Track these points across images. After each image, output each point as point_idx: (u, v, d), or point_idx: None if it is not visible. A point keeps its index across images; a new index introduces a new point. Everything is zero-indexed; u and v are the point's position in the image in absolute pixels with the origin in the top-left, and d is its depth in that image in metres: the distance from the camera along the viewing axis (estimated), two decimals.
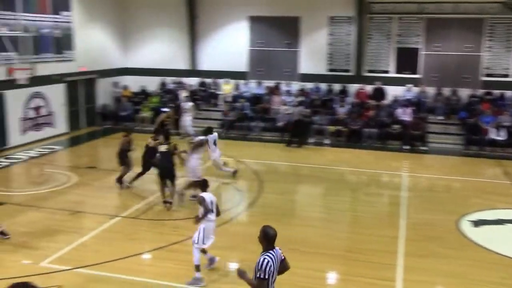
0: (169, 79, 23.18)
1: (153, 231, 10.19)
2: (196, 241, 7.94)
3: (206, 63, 22.96)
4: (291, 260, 5.61)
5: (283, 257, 5.48)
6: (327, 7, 21.32)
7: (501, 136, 17.97)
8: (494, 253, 9.28)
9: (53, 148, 17.51)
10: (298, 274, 8.16)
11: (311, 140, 19.06)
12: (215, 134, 13.55)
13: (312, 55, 21.78)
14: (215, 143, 13.36)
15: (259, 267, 5.22)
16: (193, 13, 22.46)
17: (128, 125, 16.64)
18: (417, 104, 19.91)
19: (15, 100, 17.17)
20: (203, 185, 8.52)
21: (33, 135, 18.07)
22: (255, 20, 22.21)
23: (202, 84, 22.69)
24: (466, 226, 10.62)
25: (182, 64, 23.12)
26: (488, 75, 20.17)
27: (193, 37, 22.71)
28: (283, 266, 5.51)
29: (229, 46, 22.37)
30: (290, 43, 21.98)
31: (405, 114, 19.10)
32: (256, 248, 9.03)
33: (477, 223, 10.79)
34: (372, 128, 19.03)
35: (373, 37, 21.19)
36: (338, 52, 21.62)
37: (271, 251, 5.37)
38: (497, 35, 19.98)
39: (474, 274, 8.45)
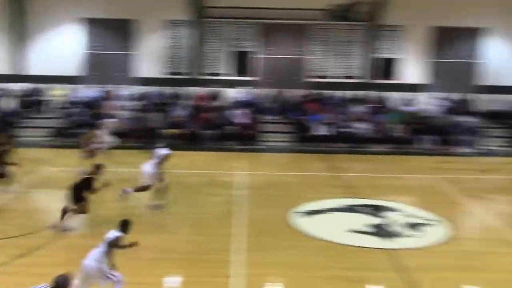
0: None
1: None
2: None
3: (36, 67, 21.39)
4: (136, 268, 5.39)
5: None
6: (163, 11, 21.26)
7: (324, 131, 19.45)
8: (324, 240, 10.01)
9: None
10: (141, 283, 7.84)
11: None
12: None
13: (150, 58, 21.56)
14: None
15: None
16: (21, 10, 20.74)
17: None
18: (253, 105, 20.77)
19: None
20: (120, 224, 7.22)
21: None
22: (91, 22, 21.32)
23: (32, 90, 21.05)
24: (298, 218, 11.34)
25: (1, 68, 21.19)
26: (317, 77, 21.94)
27: (20, 37, 21.02)
28: None
29: (62, 48, 21.20)
30: (127, 46, 21.50)
31: (241, 115, 19.82)
32: None
33: (309, 214, 11.59)
34: (210, 130, 19.42)
35: (210, 41, 21.62)
36: (177, 55, 21.71)
37: None
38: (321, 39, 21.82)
39: (308, 261, 9.05)
